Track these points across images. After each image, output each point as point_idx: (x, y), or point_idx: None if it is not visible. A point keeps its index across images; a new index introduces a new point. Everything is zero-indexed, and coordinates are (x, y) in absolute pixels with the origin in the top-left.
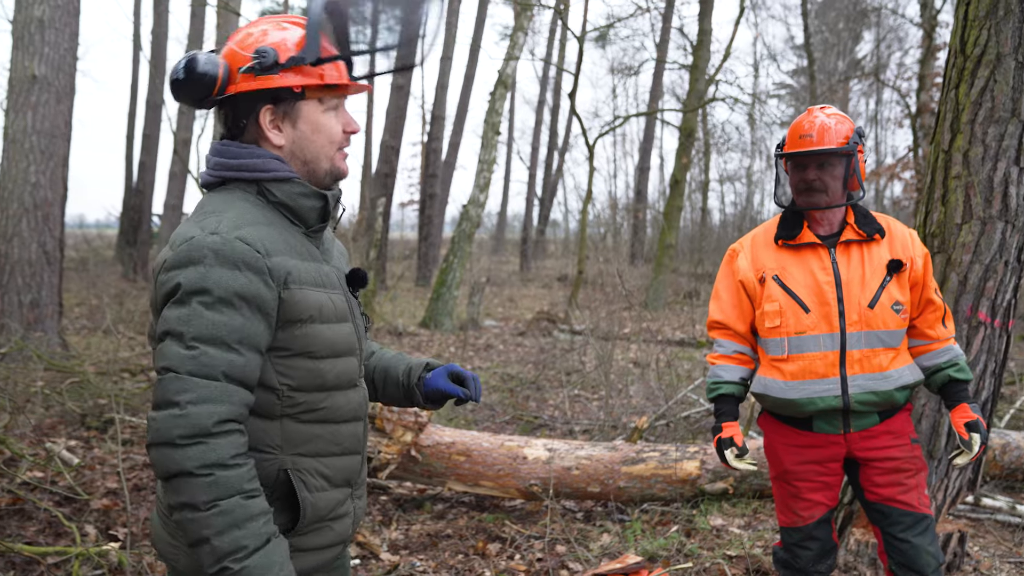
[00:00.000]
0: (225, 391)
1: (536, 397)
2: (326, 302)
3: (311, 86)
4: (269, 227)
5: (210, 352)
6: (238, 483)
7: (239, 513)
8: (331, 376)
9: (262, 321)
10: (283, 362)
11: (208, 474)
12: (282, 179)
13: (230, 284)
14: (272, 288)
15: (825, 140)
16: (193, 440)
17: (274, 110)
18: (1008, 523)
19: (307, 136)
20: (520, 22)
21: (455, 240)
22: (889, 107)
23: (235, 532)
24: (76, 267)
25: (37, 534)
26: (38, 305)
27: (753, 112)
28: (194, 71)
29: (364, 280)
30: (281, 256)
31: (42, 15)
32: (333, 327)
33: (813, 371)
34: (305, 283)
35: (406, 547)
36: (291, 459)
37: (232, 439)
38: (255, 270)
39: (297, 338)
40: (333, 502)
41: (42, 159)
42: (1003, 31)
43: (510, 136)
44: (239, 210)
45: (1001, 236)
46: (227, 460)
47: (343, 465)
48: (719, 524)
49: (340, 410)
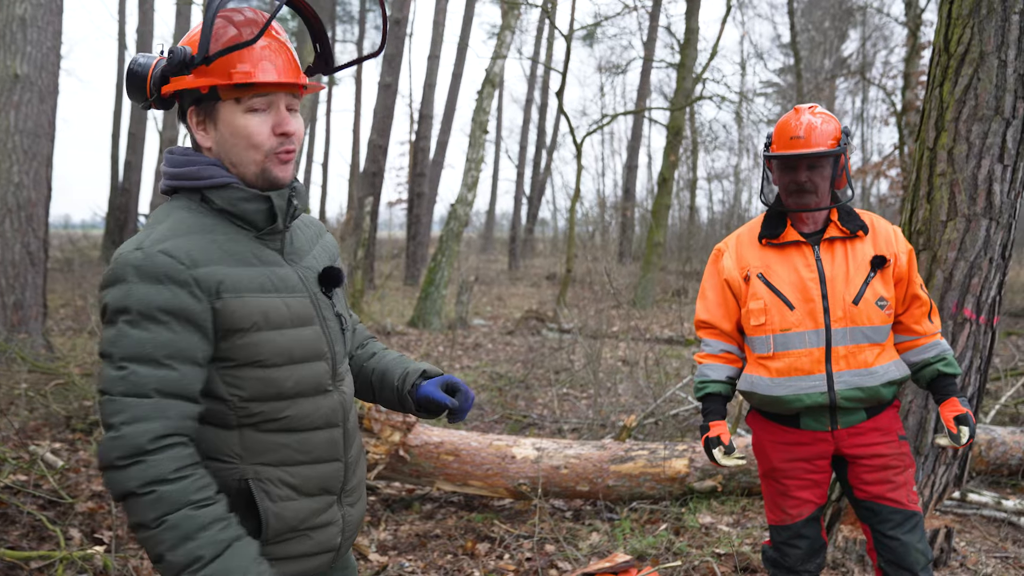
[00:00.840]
0: (158, 407)
1: (525, 396)
2: (277, 307)
3: (222, 86)
4: (204, 235)
5: (139, 371)
6: (183, 496)
7: (188, 525)
8: (289, 384)
9: (195, 333)
10: (230, 372)
11: (150, 492)
12: (219, 185)
13: (153, 300)
14: (201, 300)
15: (815, 141)
16: (131, 460)
17: (197, 111)
18: (994, 518)
19: (227, 140)
20: (507, 20)
21: (443, 239)
22: (875, 105)
23: (188, 544)
24: (61, 268)
25: (20, 538)
26: (22, 306)
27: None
28: (129, 70)
29: (336, 279)
30: (213, 265)
31: (24, 13)
32: (287, 332)
33: (799, 368)
34: (244, 290)
35: (395, 547)
36: (252, 468)
37: (172, 453)
38: (179, 283)
39: (241, 348)
40: (306, 511)
41: (25, 159)
42: (986, 29)
43: (498, 135)
44: (175, 220)
45: (986, 233)
46: (168, 475)
47: (314, 474)
48: (708, 522)
49: (308, 418)
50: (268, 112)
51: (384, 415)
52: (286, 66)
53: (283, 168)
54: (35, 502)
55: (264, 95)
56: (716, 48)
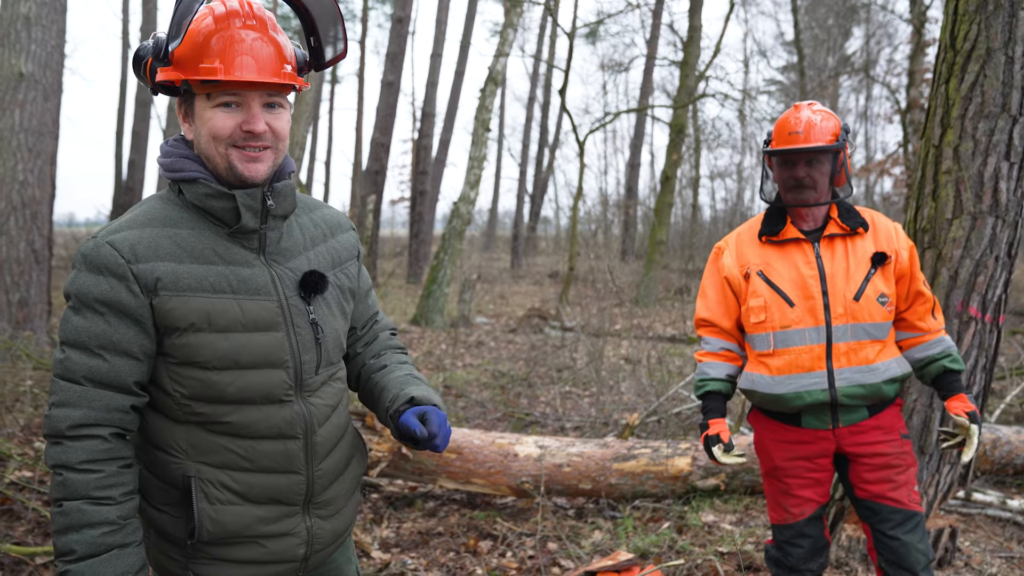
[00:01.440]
0: (85, 396)
1: (527, 394)
2: (226, 309)
3: (192, 80)
4: (166, 228)
5: (73, 357)
6: (84, 488)
7: (76, 517)
8: (232, 390)
9: (131, 327)
10: (173, 369)
11: (59, 474)
12: (188, 180)
13: (91, 290)
14: (137, 295)
15: (813, 137)
16: (53, 440)
17: (181, 103)
18: (999, 518)
19: (199, 132)
20: (510, 18)
21: (445, 237)
22: (879, 103)
23: (70, 535)
24: (66, 265)
25: (26, 534)
26: (27, 304)
27: (743, 108)
28: (135, 54)
29: (315, 285)
30: (156, 261)
31: (28, 12)
32: (234, 337)
33: (799, 365)
34: (186, 289)
35: (397, 545)
36: (195, 466)
37: (85, 444)
38: (117, 276)
39: (178, 347)
40: (251, 518)
41: (29, 157)
42: (993, 26)
43: (501, 133)
44: (142, 211)
45: (991, 231)
46: (75, 464)
47: (261, 483)
48: (711, 520)
49: (253, 426)
50: (239, 108)
51: None
52: (265, 62)
53: (249, 164)
54: (40, 498)
55: (233, 92)
56: (719, 46)
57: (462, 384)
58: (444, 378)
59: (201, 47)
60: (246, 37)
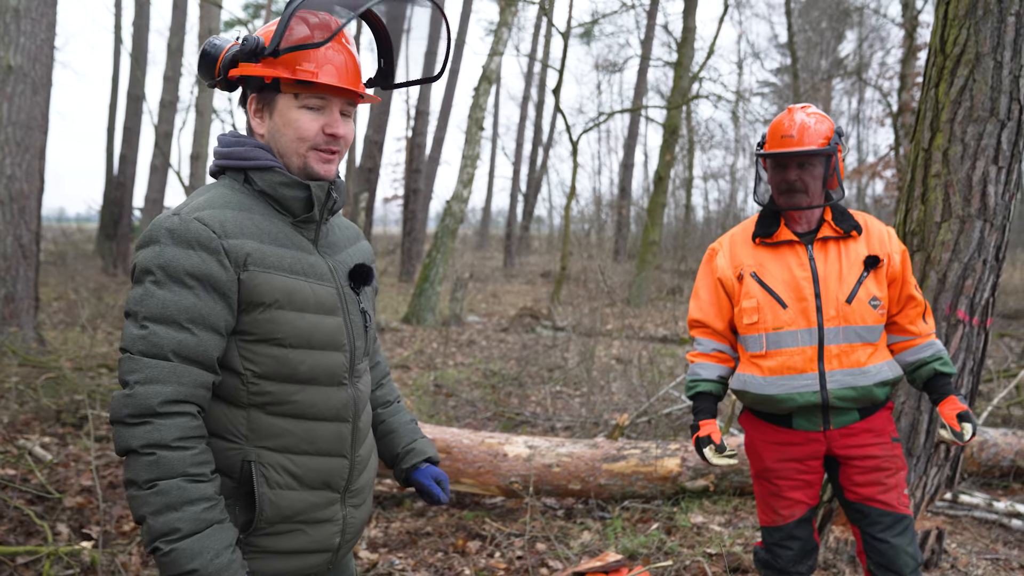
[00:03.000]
0: (175, 371)
1: (518, 393)
2: (301, 289)
3: (284, 79)
4: (242, 212)
5: (159, 332)
6: (180, 465)
7: (176, 495)
8: (303, 368)
9: (219, 301)
10: (248, 347)
11: (150, 453)
12: (263, 168)
13: (182, 263)
14: (228, 269)
15: (806, 140)
16: (140, 420)
17: (257, 99)
18: (985, 520)
19: (279, 129)
20: (505, 17)
21: (438, 236)
22: (871, 106)
23: (171, 514)
24: (55, 261)
25: (7, 533)
26: (13, 299)
27: (736, 110)
28: (203, 50)
29: (366, 277)
30: (243, 239)
31: (18, 4)
32: (308, 317)
33: (791, 367)
34: (271, 267)
35: (385, 545)
36: (255, 451)
37: (178, 421)
38: (209, 250)
39: (260, 322)
40: (304, 504)
41: (18, 151)
42: (982, 30)
43: (495, 132)
44: (215, 194)
45: (980, 235)
46: (170, 442)
47: (318, 466)
48: (700, 521)
49: (316, 407)
50: (321, 112)
51: None
52: (348, 73)
53: (324, 166)
54: (23, 497)
55: (321, 96)
56: (713, 47)
57: (453, 383)
58: (435, 376)
59: (299, 51)
60: (336, 48)
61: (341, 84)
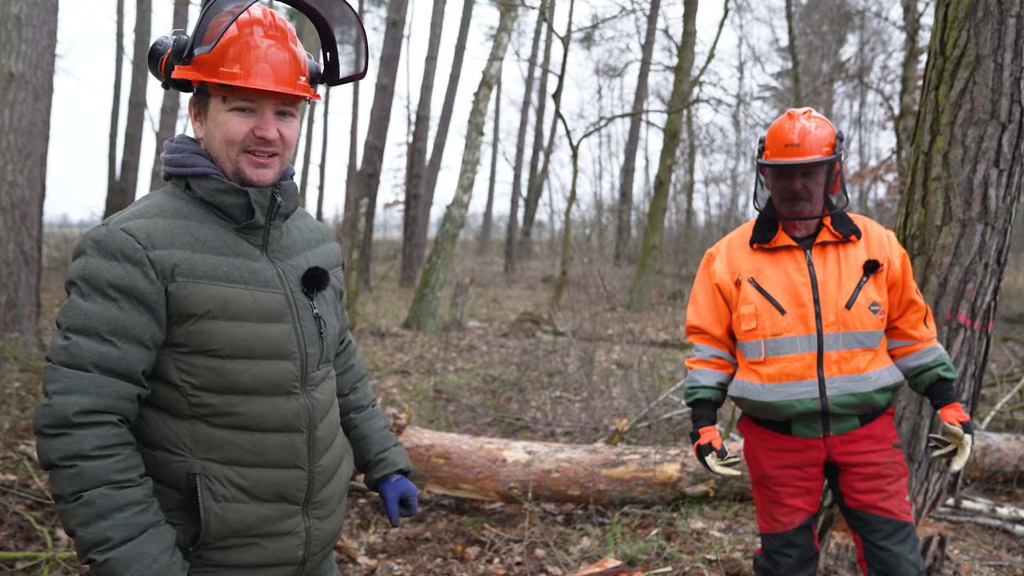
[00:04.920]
0: (94, 382)
1: (518, 398)
2: (239, 298)
3: (210, 83)
4: (177, 220)
5: (80, 343)
6: (103, 473)
7: (103, 503)
8: (245, 379)
9: (144, 313)
10: (183, 359)
11: (70, 465)
12: (199, 175)
13: (104, 275)
14: (154, 281)
15: (810, 148)
16: (57, 431)
17: (194, 101)
18: (988, 526)
19: (211, 133)
20: (505, 22)
21: (438, 241)
22: (873, 109)
23: (100, 523)
24: (58, 266)
25: (7, 539)
26: (15, 305)
27: (737, 114)
28: (151, 49)
29: (318, 280)
30: (172, 249)
31: (19, 12)
32: (248, 326)
33: (790, 373)
34: (202, 276)
35: (384, 551)
36: (200, 463)
37: (97, 431)
38: (133, 261)
39: (192, 334)
40: (256, 516)
41: (19, 158)
42: (982, 33)
43: (495, 137)
44: (151, 203)
45: (981, 238)
46: (89, 451)
47: (268, 479)
48: (699, 527)
49: (262, 418)
50: (253, 114)
51: None
52: (282, 72)
53: (257, 170)
54: (23, 502)
55: (249, 98)
56: (713, 51)
57: (453, 388)
58: (435, 382)
59: (221, 51)
60: (265, 45)
61: (267, 86)
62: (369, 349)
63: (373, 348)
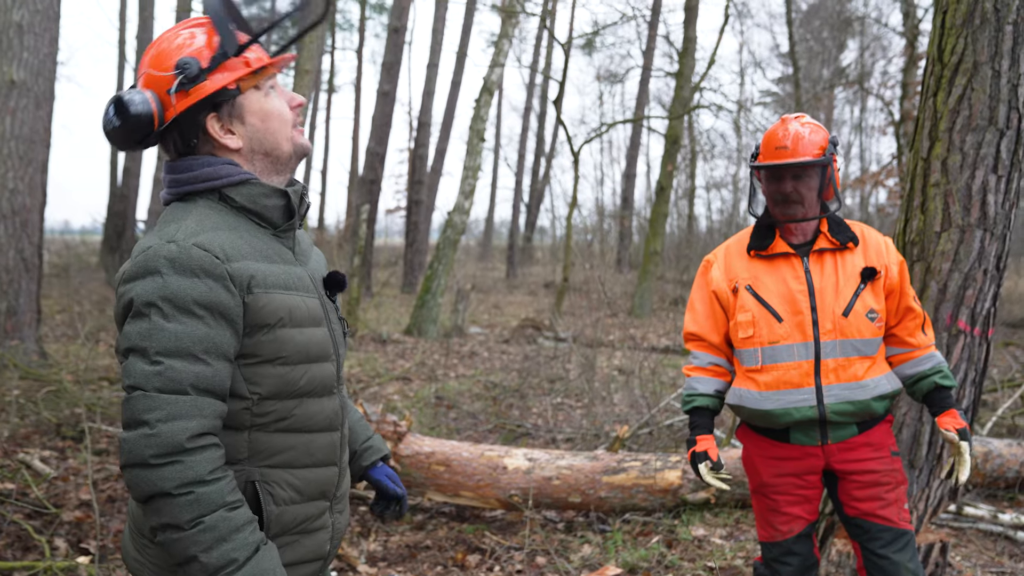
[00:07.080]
0: (196, 405)
1: (519, 405)
2: (298, 305)
3: (243, 77)
4: (231, 232)
5: (175, 366)
6: (219, 497)
7: (224, 527)
8: (304, 382)
9: (227, 328)
10: (252, 369)
11: (188, 492)
12: (239, 182)
13: (189, 293)
14: (234, 294)
15: (800, 151)
16: (168, 459)
17: (218, 115)
18: (990, 532)
19: (259, 127)
20: (506, 29)
21: (439, 247)
22: (873, 115)
23: (223, 546)
24: (59, 273)
25: (5, 548)
26: (15, 313)
27: (738, 119)
28: (129, 114)
29: (341, 284)
30: (243, 260)
31: (20, 19)
32: (305, 331)
33: (788, 381)
34: (272, 287)
35: (384, 559)
36: (258, 471)
37: (208, 455)
38: (214, 276)
39: (265, 344)
40: (303, 515)
41: (20, 165)
42: (980, 39)
43: (497, 143)
44: (198, 216)
45: (980, 244)
46: (205, 476)
47: (316, 477)
48: (701, 534)
49: (313, 419)
50: (277, 92)
51: (375, 424)
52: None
53: (305, 140)
54: (21, 511)
55: (270, 76)
56: (714, 57)
57: (454, 395)
58: (436, 389)
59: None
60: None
61: (288, 55)
62: (370, 356)
63: (374, 355)
